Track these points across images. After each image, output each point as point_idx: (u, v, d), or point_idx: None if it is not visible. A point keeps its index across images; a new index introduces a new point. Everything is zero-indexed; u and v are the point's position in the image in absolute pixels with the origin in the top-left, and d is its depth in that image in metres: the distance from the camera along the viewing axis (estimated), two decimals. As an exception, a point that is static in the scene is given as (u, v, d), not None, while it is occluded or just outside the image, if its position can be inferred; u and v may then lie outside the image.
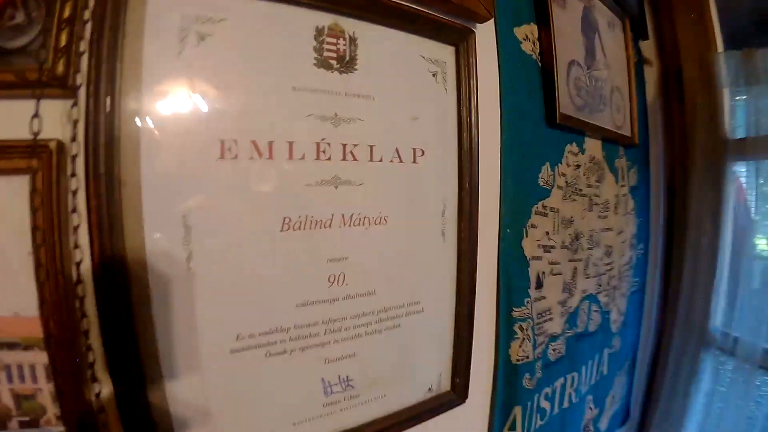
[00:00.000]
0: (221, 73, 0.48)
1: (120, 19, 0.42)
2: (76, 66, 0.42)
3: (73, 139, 0.42)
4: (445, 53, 0.68)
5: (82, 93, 0.42)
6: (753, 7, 1.35)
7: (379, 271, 0.62)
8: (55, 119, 0.42)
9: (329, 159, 0.55)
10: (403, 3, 0.60)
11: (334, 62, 0.55)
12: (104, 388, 0.45)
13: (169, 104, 0.45)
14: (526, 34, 0.88)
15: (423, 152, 0.65)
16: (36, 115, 0.40)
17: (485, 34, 0.77)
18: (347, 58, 0.56)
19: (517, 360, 0.86)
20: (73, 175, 0.42)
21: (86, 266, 0.43)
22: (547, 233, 0.93)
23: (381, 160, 0.60)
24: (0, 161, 0.41)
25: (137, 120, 0.43)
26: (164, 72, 0.45)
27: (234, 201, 0.49)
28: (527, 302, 0.87)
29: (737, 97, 1.30)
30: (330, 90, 0.55)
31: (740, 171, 1.34)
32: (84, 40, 0.42)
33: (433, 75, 0.66)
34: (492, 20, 0.75)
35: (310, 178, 0.54)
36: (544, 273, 0.93)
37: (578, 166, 1.03)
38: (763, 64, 1.18)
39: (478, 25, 0.74)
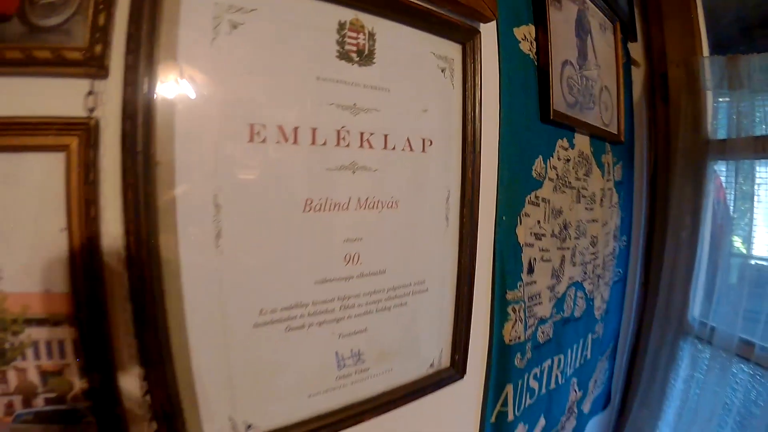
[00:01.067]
0: (251, 61, 0.50)
1: (158, 4, 0.44)
2: (112, 47, 0.43)
3: (123, 117, 0.43)
4: (453, 51, 0.72)
5: (118, 73, 0.43)
6: (738, 16, 1.42)
7: (390, 251, 0.66)
8: (87, 99, 0.43)
9: (348, 146, 0.59)
10: (418, 2, 0.64)
11: (354, 55, 0.59)
12: (131, 359, 0.46)
13: (202, 88, 0.47)
14: (525, 34, 0.93)
15: (431, 142, 0.69)
16: (91, 92, 0.42)
17: (487, 34, 0.82)
18: (366, 52, 0.60)
19: (510, 340, 0.92)
20: (132, 151, 0.44)
21: (120, 242, 0.45)
22: (539, 222, 0.99)
23: (394, 149, 0.64)
24: (36, 138, 0.41)
25: (172, 102, 0.45)
26: (199, 57, 0.47)
27: (261, 182, 0.52)
28: (520, 286, 0.93)
29: (720, 99, 1.36)
30: (350, 81, 0.58)
31: (720, 170, 1.40)
32: (122, 22, 0.44)
33: (442, 71, 0.71)
34: (494, 21, 0.80)
35: (330, 163, 0.57)
36: (535, 259, 0.98)
37: (568, 160, 1.09)
38: (746, 69, 1.25)
39: (481, 24, 0.78)
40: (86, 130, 0.43)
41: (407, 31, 0.65)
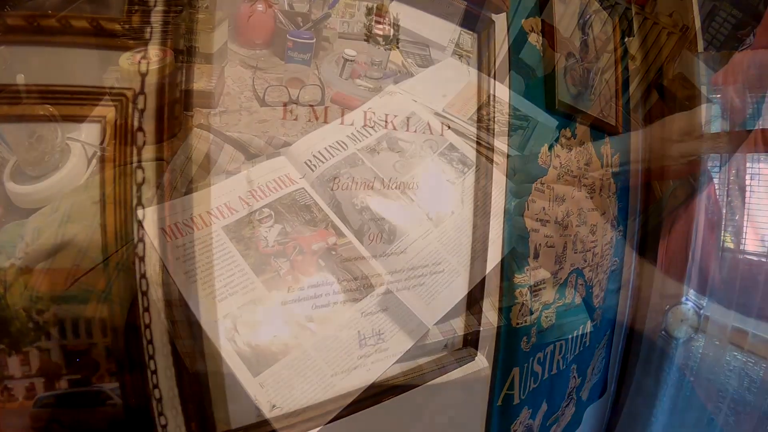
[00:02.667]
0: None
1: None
2: (150, 17, 0.43)
3: (159, 88, 0.44)
4: (469, 39, 0.74)
5: (156, 44, 0.43)
6: (732, 12, 1.47)
7: (409, 231, 0.67)
8: (125, 69, 0.43)
9: (374, 127, 0.60)
10: (438, -9, 0.66)
11: (380, 39, 0.61)
12: (162, 337, 0.46)
13: (239, 63, 0.48)
14: (532, 25, 0.95)
15: (449, 126, 0.71)
16: (144, 56, 0.42)
17: (499, 24, 0.83)
18: (391, 37, 0.62)
19: (517, 324, 0.94)
20: (170, 123, 0.44)
21: (155, 214, 0.45)
22: (544, 208, 1.01)
23: (415, 131, 0.66)
24: (72, 108, 0.41)
25: (209, 75, 0.46)
26: (236, 33, 0.48)
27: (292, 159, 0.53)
28: (526, 270, 0.95)
29: (713, 95, 1.40)
30: (377, 63, 0.60)
31: (713, 164, 1.42)
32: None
33: (459, 57, 0.73)
34: (506, 12, 0.82)
35: (357, 143, 0.59)
36: (540, 245, 1.00)
37: (570, 149, 1.12)
38: (740, 65, 1.28)
39: (494, 15, 0.80)
40: (123, 101, 0.43)
41: (428, 18, 0.67)
